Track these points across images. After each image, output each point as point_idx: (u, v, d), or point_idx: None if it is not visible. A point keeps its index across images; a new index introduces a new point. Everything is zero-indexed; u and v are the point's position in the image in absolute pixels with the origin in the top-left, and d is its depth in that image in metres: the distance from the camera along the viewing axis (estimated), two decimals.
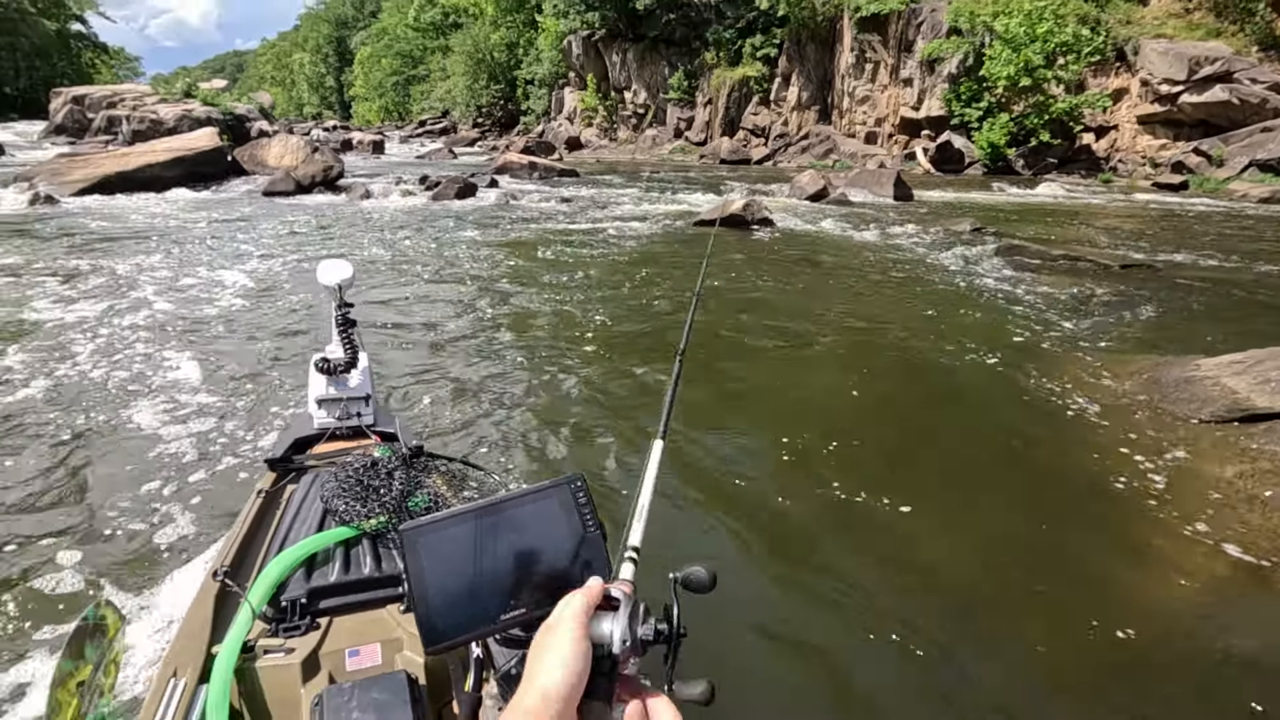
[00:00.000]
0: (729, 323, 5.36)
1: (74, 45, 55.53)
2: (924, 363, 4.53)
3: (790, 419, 3.60)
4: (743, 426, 3.55)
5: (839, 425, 3.56)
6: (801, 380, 4.29)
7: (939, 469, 3.20)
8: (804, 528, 2.68)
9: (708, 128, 30.42)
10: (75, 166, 13.70)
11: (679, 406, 3.23)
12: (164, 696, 1.04)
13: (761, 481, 2.98)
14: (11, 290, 5.78)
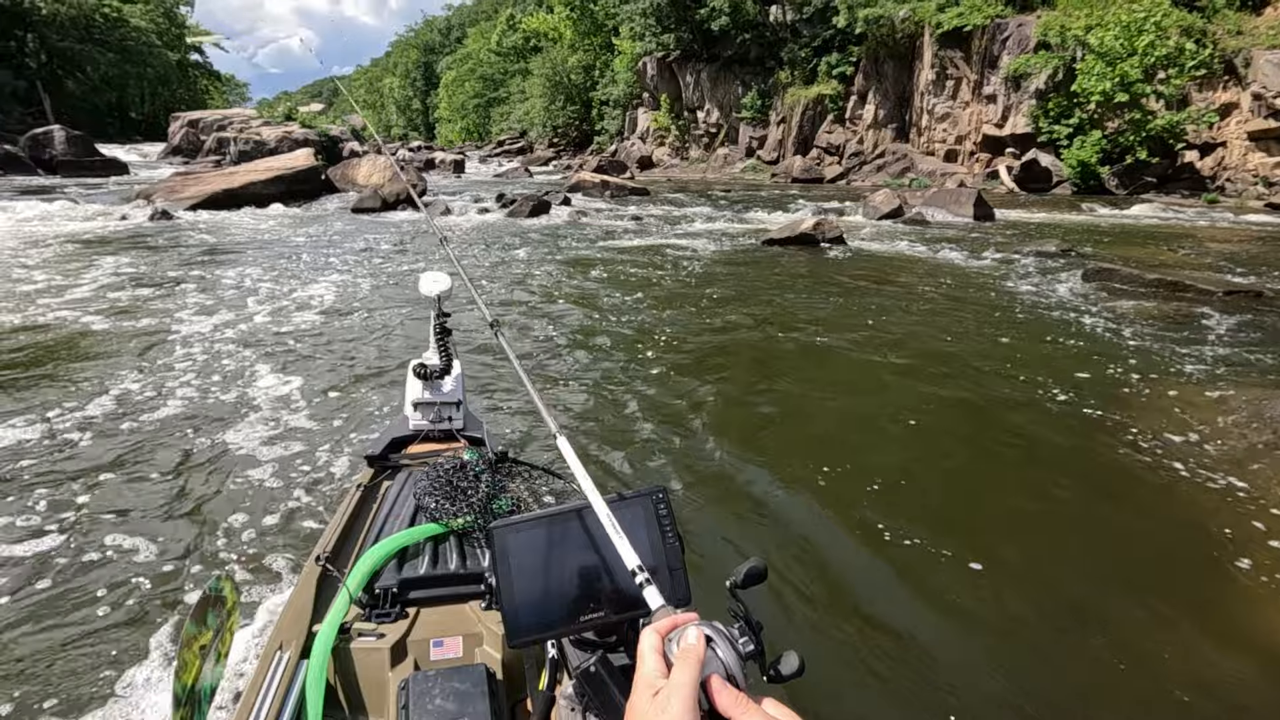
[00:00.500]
0: (792, 341, 5.32)
1: (191, 73, 60.50)
2: (998, 394, 4.27)
3: (844, 448, 3.48)
4: (791, 453, 3.42)
5: (897, 459, 3.38)
6: (861, 407, 4.13)
7: (1010, 517, 2.91)
8: (850, 574, 2.47)
9: (780, 146, 30.23)
10: (188, 184, 14.92)
11: (728, 427, 3.20)
12: (270, 667, 1.14)
13: (806, 517, 2.85)
14: (134, 297, 6.35)
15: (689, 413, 3.84)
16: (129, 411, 3.65)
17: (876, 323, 5.85)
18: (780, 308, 6.35)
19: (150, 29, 53.06)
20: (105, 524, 2.60)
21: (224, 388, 4.05)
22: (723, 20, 30.27)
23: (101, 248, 9.15)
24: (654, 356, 4.86)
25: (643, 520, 0.91)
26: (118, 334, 5.10)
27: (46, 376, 4.19)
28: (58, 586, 2.23)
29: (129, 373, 4.25)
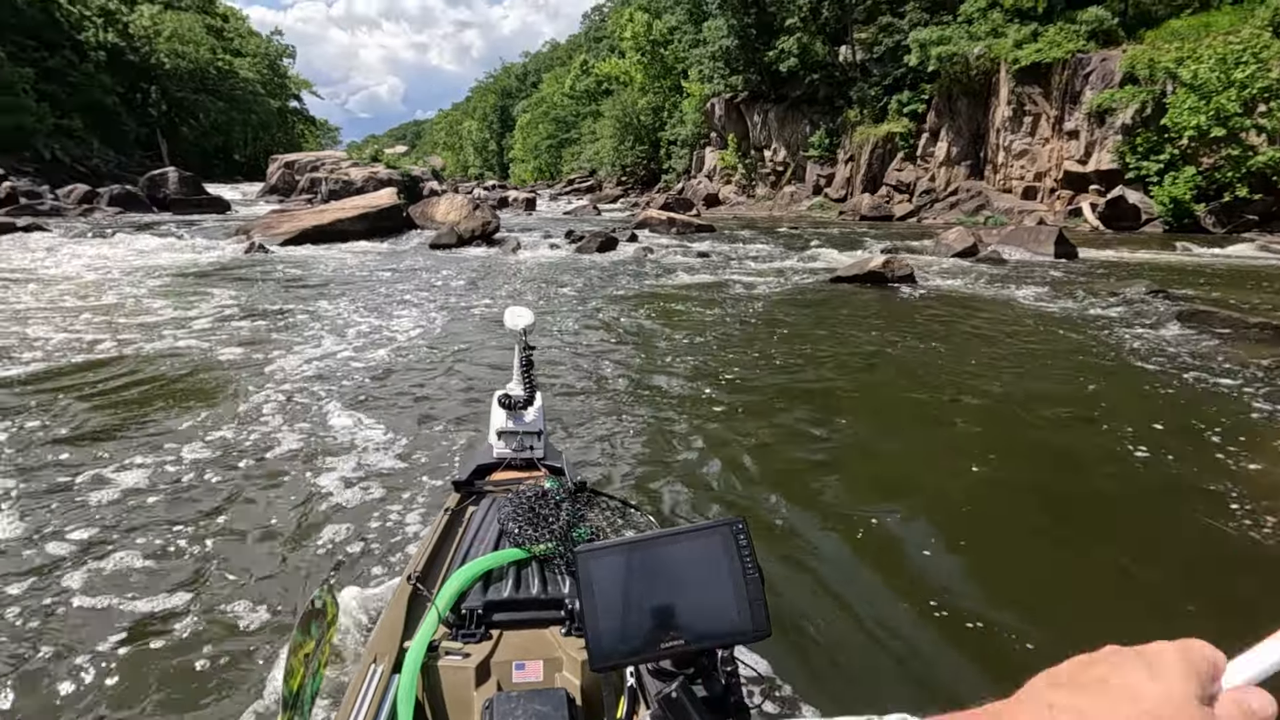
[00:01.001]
0: (857, 382, 5.21)
1: (290, 119, 65.38)
2: (1078, 447, 3.96)
3: (907, 497, 3.33)
4: (850, 499, 3.32)
5: (962, 514, 3.18)
6: (927, 454, 3.96)
7: (1086, 586, 2.62)
8: (904, 643, 2.28)
9: (848, 184, 30.00)
10: (283, 221, 16.01)
11: (790, 468, 3.11)
12: (365, 679, 1.20)
13: (858, 571, 2.73)
14: (233, 328, 6.83)
15: (752, 450, 3.81)
16: (233, 438, 3.91)
17: (948, 365, 5.67)
18: (846, 347, 6.25)
19: (256, 79, 57.79)
20: (219, 542, 2.78)
21: (320, 416, 4.28)
22: (791, 61, 30.58)
23: (204, 280, 9.90)
24: (718, 393, 4.86)
25: (722, 550, 0.92)
26: (218, 363, 5.49)
27: (153, 400, 4.54)
28: (177, 595, 2.39)
29: (229, 400, 4.56)
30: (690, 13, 37.86)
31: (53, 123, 33.23)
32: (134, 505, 3.02)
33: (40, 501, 3.04)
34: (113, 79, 41.10)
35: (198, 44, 49.03)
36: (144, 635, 2.17)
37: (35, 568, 2.53)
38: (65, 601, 2.34)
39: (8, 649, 2.10)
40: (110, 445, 3.69)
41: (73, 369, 5.09)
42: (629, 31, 45.72)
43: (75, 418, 4.08)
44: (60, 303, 7.75)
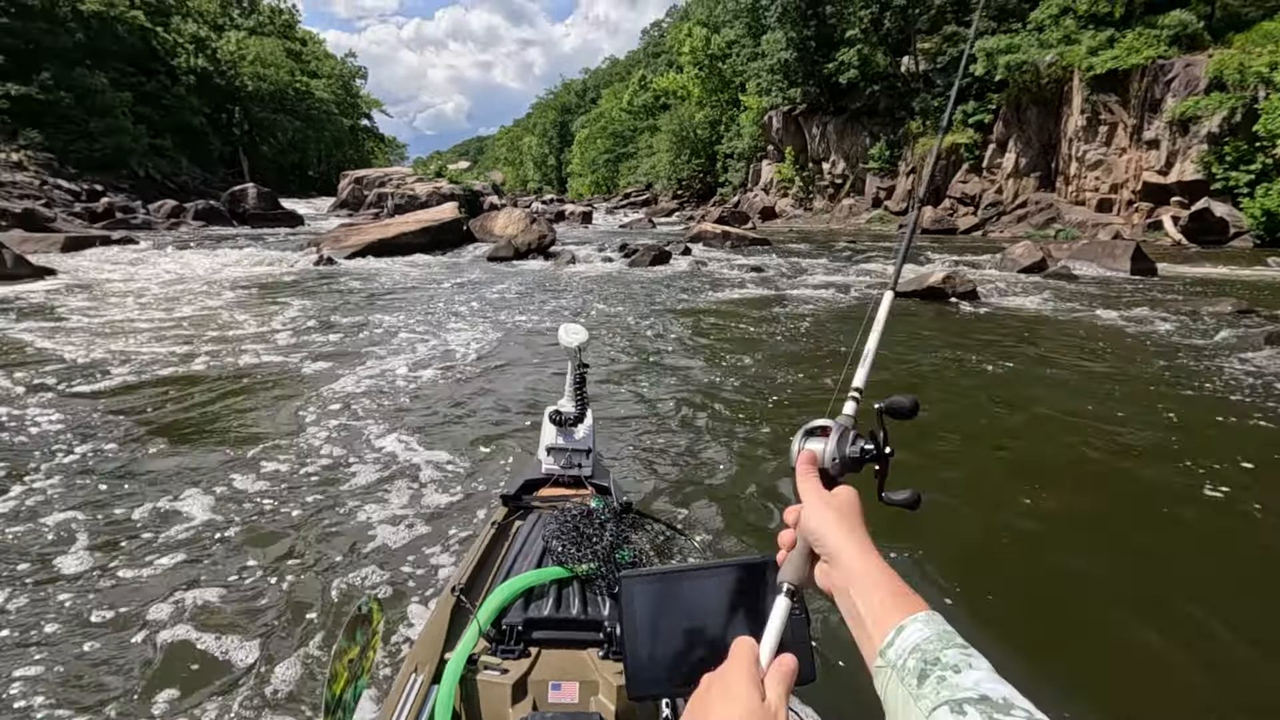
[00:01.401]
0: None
1: (360, 136, 68.35)
2: (1153, 481, 3.64)
3: (958, 529, 3.23)
4: (898, 529, 3.24)
5: (1018, 551, 2.99)
6: (983, 483, 3.75)
7: (1148, 649, 2.33)
8: None
9: (909, 196, 29.28)
10: (350, 234, 16.69)
11: None
12: (405, 688, 1.22)
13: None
14: (299, 337, 7.13)
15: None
16: (293, 446, 4.07)
17: (1010, 388, 5.41)
18: (901, 367, 6.06)
19: (330, 99, 60.66)
20: (272, 545, 2.88)
21: (376, 426, 4.41)
22: (851, 73, 30.19)
23: (274, 291, 10.40)
24: (767, 415, 4.77)
25: (768, 586, 0.87)
26: (283, 373, 5.74)
27: (222, 405, 4.77)
28: (233, 599, 2.50)
29: (289, 409, 4.75)
30: (749, 26, 37.86)
31: (147, 143, 35.66)
32: (193, 508, 3.17)
33: (107, 510, 3.22)
34: (201, 101, 43.89)
35: (278, 67, 51.89)
36: (194, 631, 2.27)
37: (96, 576, 2.68)
38: (126, 599, 2.47)
39: (82, 656, 2.22)
40: (180, 450, 3.89)
41: (153, 378, 5.41)
42: (687, 46, 46.04)
43: (152, 423, 4.32)
44: (142, 313, 8.26)
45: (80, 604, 2.42)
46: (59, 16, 32.32)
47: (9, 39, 30.21)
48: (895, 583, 0.63)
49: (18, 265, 10.53)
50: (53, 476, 3.44)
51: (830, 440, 0.82)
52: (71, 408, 4.52)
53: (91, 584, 2.55)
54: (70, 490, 3.31)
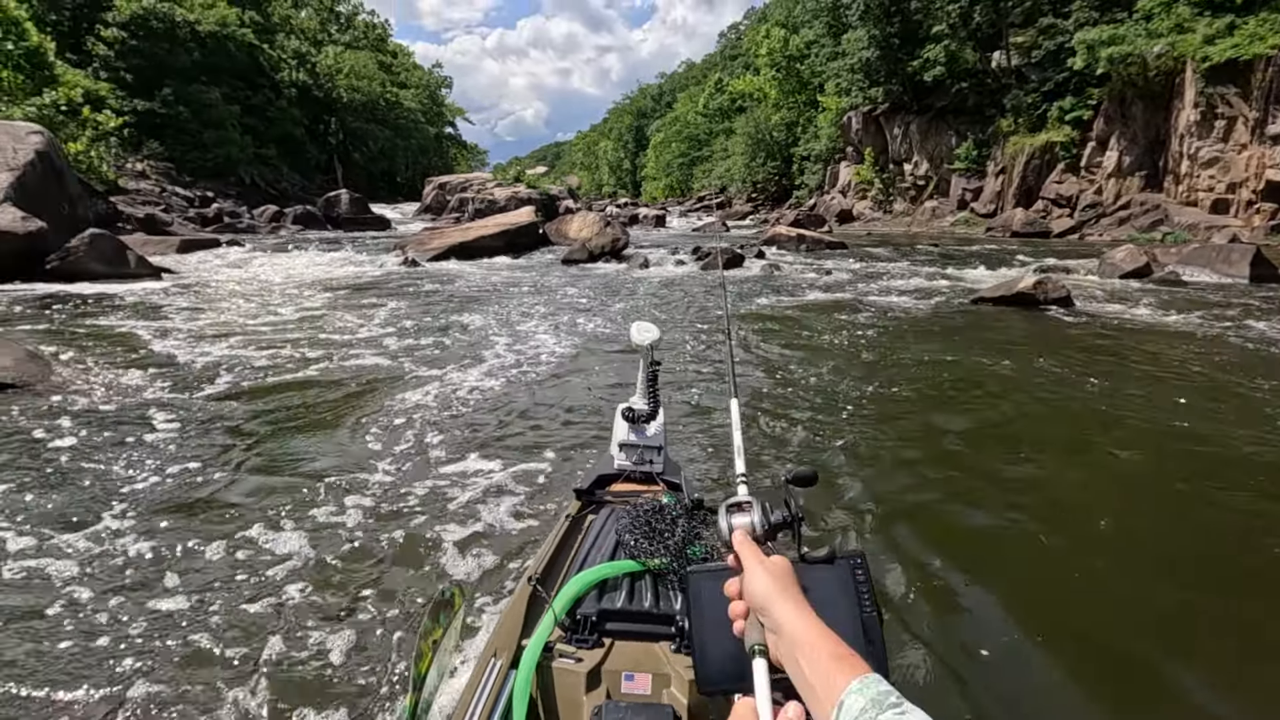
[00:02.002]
0: (994, 415, 4.78)
1: (445, 144, 71.02)
2: (1269, 519, 3.26)
3: (1035, 554, 3.01)
4: (973, 546, 3.07)
5: (1108, 586, 2.75)
6: (1072, 507, 3.47)
7: None
8: (1036, 706, 2.08)
9: (999, 198, 27.89)
10: (433, 238, 17.37)
11: (897, 509, 2.91)
12: (485, 671, 1.27)
13: (982, 627, 2.47)
14: (383, 334, 7.48)
15: (871, 482, 3.61)
16: (378, 438, 4.28)
17: (1107, 405, 5.01)
18: (982, 376, 5.77)
19: (418, 109, 63.33)
20: (365, 535, 3.04)
21: (456, 420, 4.58)
22: (937, 70, 29.03)
23: (362, 291, 10.95)
24: (838, 420, 4.65)
25: (838, 585, 0.88)
26: (369, 367, 6.03)
27: (312, 399, 5.06)
28: (323, 583, 2.65)
29: (374, 401, 5.00)
30: (829, 26, 37.07)
31: (253, 152, 38.30)
32: (283, 494, 3.38)
33: (195, 506, 3.47)
34: (301, 112, 46.75)
35: (370, 79, 54.62)
36: (297, 609, 2.41)
37: (200, 561, 2.89)
38: (219, 601, 2.65)
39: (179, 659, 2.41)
40: (275, 437, 4.16)
41: (251, 371, 5.80)
42: (765, 48, 45.53)
43: (249, 411, 4.64)
44: (244, 310, 8.87)
45: (183, 588, 2.62)
46: (179, 37, 35.14)
47: (137, 59, 33.10)
48: (836, 645, 0.68)
49: (139, 265, 11.51)
50: (160, 459, 3.75)
51: (755, 512, 0.90)
52: (179, 397, 4.90)
53: (196, 570, 2.75)
54: (176, 476, 3.59)
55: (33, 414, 4.35)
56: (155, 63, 33.63)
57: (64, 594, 2.48)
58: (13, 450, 3.79)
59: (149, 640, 2.24)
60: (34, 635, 2.25)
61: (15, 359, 4.92)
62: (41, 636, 2.24)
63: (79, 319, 7.73)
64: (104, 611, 2.38)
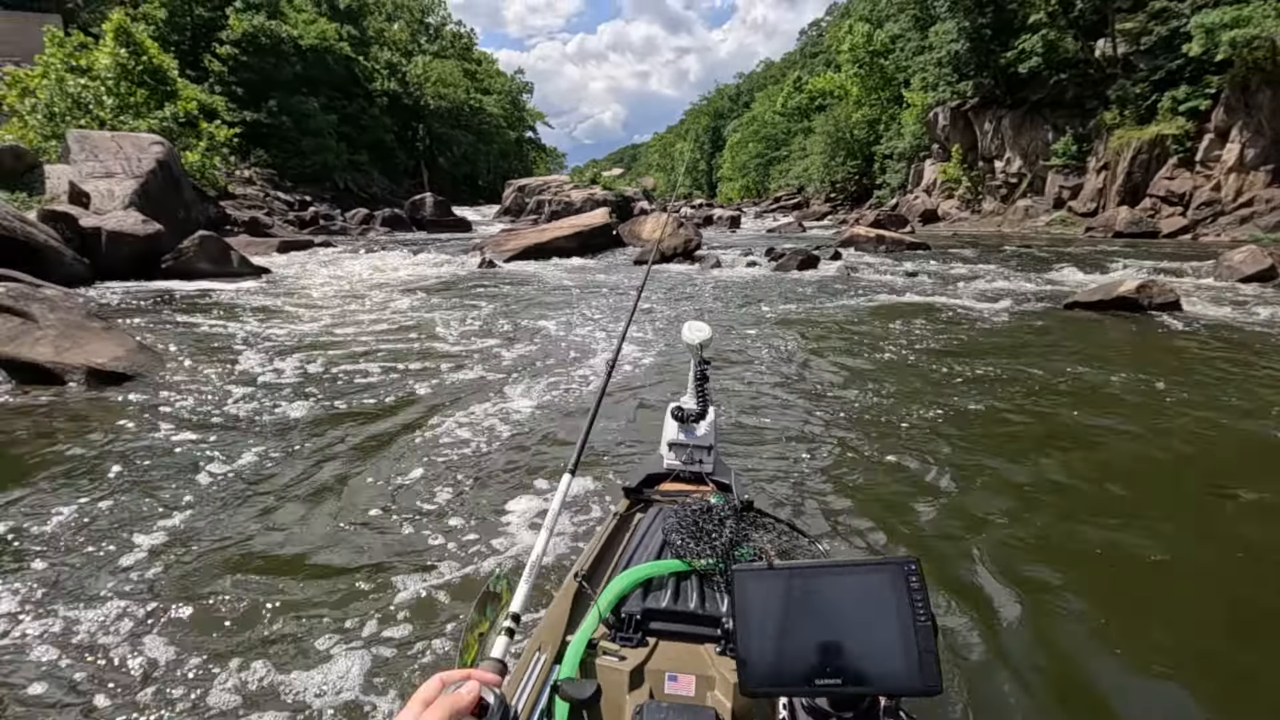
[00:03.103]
0: (1085, 432, 4.44)
1: (524, 147, 72.91)
2: None
3: (1117, 582, 2.78)
4: (1045, 564, 2.85)
5: (1223, 647, 2.49)
6: (1181, 544, 3.10)
7: None
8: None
9: (1100, 196, 26.07)
10: (510, 239, 17.83)
11: (966, 525, 2.73)
12: (530, 665, 1.28)
13: (1048, 648, 2.30)
14: (459, 332, 7.74)
15: (937, 494, 3.42)
16: (443, 429, 4.41)
17: (1216, 425, 4.54)
18: (1072, 387, 5.37)
19: (499, 114, 65.27)
20: (417, 526, 3.15)
21: (519, 414, 4.68)
22: (1033, 61, 27.41)
23: (445, 288, 11.36)
24: (906, 427, 4.45)
25: (890, 590, 0.85)
26: (441, 360, 6.24)
27: (389, 388, 5.28)
28: (379, 571, 2.76)
29: (442, 395, 5.16)
30: (916, 19, 35.71)
31: (347, 158, 40.49)
32: (353, 483, 3.53)
33: (291, 479, 3.66)
34: (391, 119, 49.08)
35: (456, 86, 56.74)
36: (357, 616, 2.51)
37: (275, 544, 3.05)
38: (284, 590, 2.79)
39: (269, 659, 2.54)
40: (353, 427, 4.36)
41: (339, 363, 6.10)
42: (847, 44, 44.36)
43: (334, 402, 4.88)
44: (334, 306, 9.37)
45: (257, 570, 2.77)
46: (284, 52, 37.58)
47: (247, 74, 35.63)
48: None
49: (241, 265, 12.36)
50: (244, 445, 3.99)
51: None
52: (266, 388, 5.21)
53: (277, 553, 2.91)
54: (258, 459, 3.81)
55: (142, 401, 4.73)
56: (263, 76, 36.11)
57: (162, 568, 2.67)
58: (127, 433, 4.13)
59: (237, 612, 2.38)
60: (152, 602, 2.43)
61: (129, 350, 5.37)
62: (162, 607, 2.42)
63: (186, 314, 8.36)
64: (209, 587, 2.55)
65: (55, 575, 2.61)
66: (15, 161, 13.43)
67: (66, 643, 2.22)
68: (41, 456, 3.77)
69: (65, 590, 2.51)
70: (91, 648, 2.20)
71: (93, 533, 2.93)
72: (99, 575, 2.61)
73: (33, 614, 2.36)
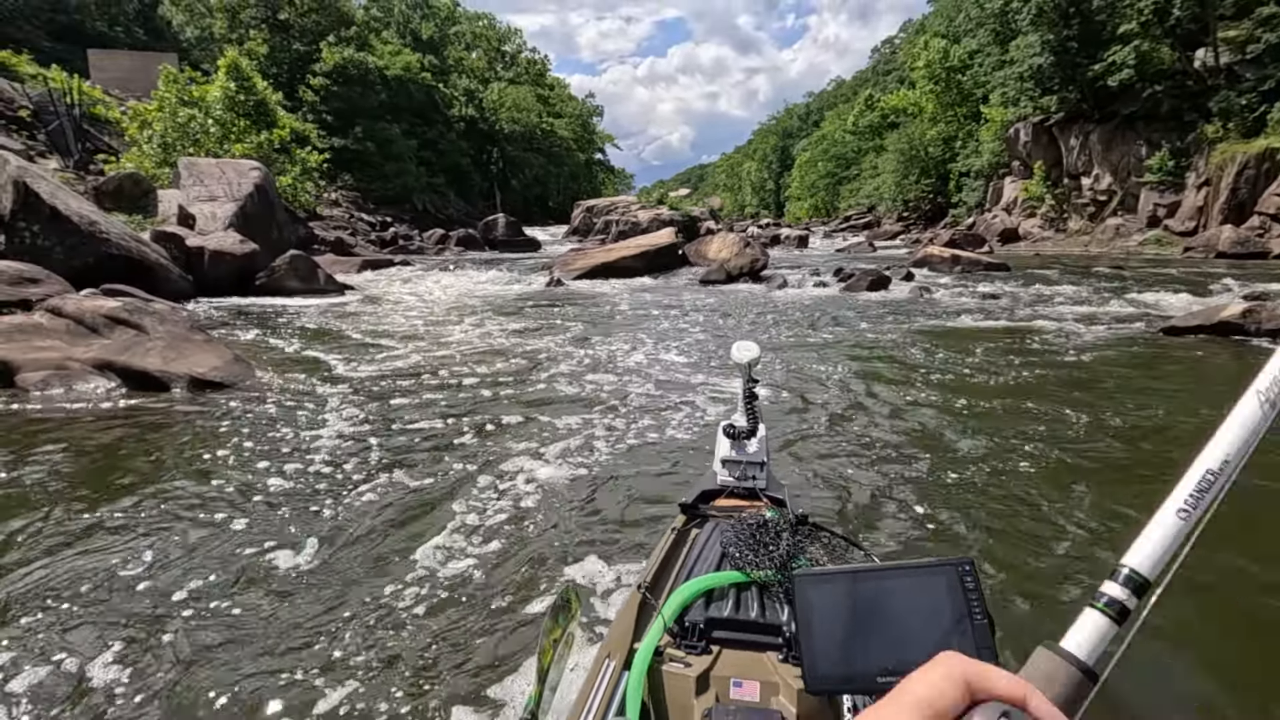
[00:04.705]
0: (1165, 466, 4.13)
1: (594, 169, 74.47)
2: None
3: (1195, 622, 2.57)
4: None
5: None
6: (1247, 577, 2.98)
7: None
8: None
9: (1200, 214, 24.44)
10: (577, 258, 18.19)
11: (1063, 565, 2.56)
12: (600, 672, 1.33)
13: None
14: (526, 345, 7.94)
15: (1004, 521, 3.26)
16: (510, 447, 4.53)
17: None
18: (1164, 418, 5.03)
19: (570, 137, 66.99)
20: (493, 539, 3.25)
21: (584, 429, 4.76)
22: (1124, 74, 26.11)
23: (514, 306, 11.69)
24: (973, 452, 4.26)
25: (946, 590, 0.88)
26: (509, 377, 6.41)
27: (459, 403, 5.46)
28: (464, 585, 2.86)
29: (508, 411, 5.30)
30: (995, 33, 34.66)
31: (426, 181, 42.37)
32: (430, 496, 3.66)
33: (372, 487, 3.83)
34: (467, 144, 51.12)
35: (528, 110, 58.66)
36: (437, 607, 2.61)
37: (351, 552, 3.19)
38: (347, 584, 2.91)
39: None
40: (425, 440, 4.53)
41: (411, 376, 6.37)
42: (923, 60, 43.43)
43: (406, 416, 5.09)
44: (410, 322, 9.78)
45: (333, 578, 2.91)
46: (370, 82, 39.83)
47: (337, 103, 37.91)
48: None
49: (327, 282, 13.09)
50: (323, 456, 4.21)
51: None
52: (347, 399, 5.49)
53: (343, 560, 3.05)
54: (329, 474, 4.01)
55: (235, 409, 5.07)
56: (350, 105, 38.36)
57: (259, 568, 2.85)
58: (216, 437, 4.43)
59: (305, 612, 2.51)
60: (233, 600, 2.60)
61: (225, 361, 5.77)
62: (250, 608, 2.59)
63: (275, 328, 8.91)
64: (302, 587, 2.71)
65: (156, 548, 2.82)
66: (134, 187, 14.72)
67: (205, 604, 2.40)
68: (155, 454, 4.10)
69: (182, 554, 2.72)
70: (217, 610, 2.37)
71: (161, 523, 3.16)
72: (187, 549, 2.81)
73: (162, 572, 2.57)
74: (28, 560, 2.88)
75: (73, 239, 9.78)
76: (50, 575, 2.76)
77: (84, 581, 2.71)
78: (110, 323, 6.04)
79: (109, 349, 5.67)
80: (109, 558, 2.90)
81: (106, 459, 4.06)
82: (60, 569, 2.81)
